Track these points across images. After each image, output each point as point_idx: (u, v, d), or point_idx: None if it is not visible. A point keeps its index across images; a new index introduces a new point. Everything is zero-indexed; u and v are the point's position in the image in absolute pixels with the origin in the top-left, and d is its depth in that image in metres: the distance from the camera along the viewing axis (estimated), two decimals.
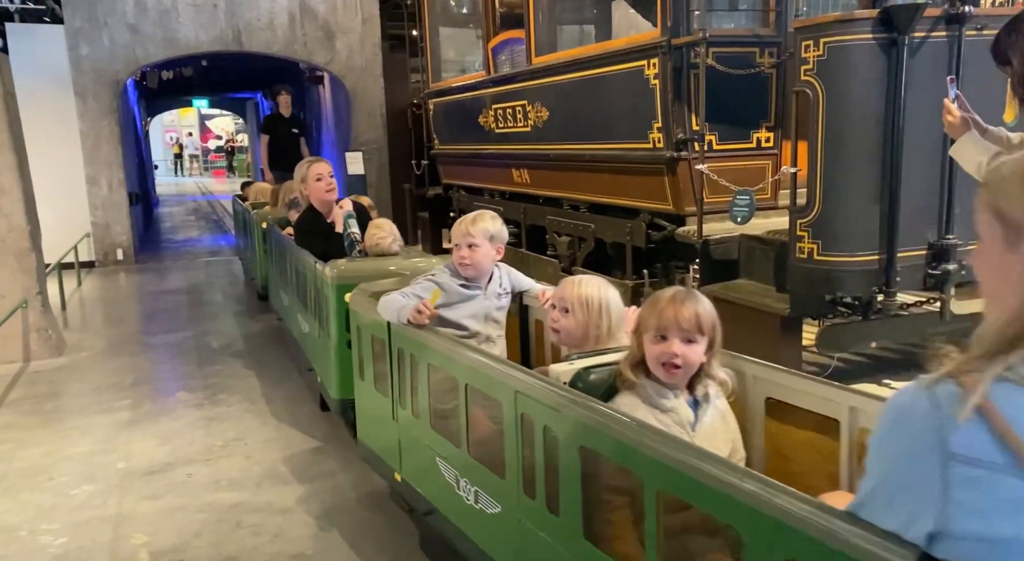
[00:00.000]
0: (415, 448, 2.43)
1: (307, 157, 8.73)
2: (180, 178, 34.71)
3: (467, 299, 2.55)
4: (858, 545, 1.04)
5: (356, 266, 3.49)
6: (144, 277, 8.69)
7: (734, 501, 1.24)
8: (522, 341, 2.96)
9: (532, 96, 6.62)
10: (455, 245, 2.56)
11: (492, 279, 2.63)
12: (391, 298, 2.45)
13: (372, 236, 3.65)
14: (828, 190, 3.75)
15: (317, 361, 3.81)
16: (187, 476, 3.30)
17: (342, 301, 3.14)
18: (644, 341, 1.75)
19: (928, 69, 3.66)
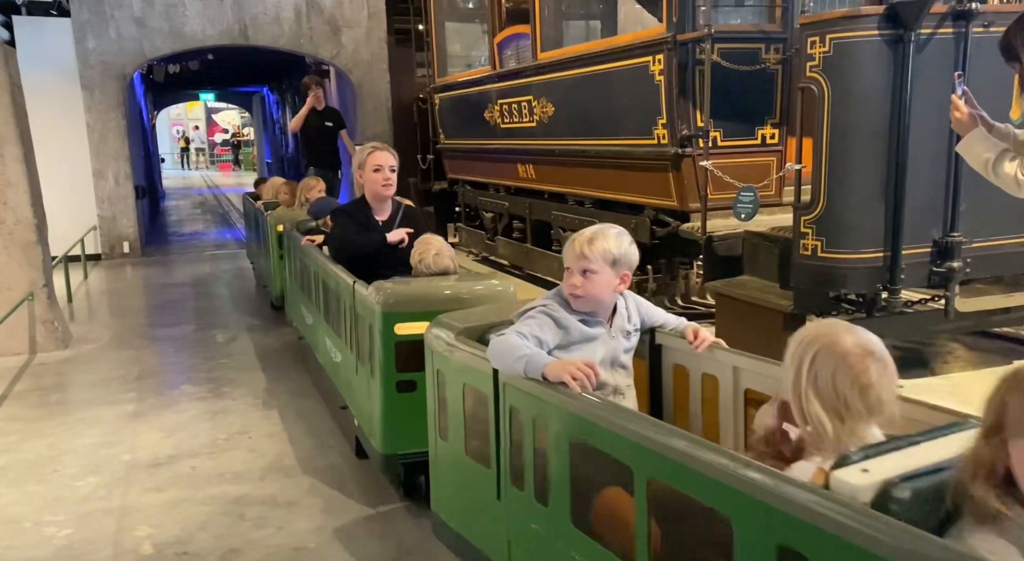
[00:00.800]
0: (536, 544, 1.82)
1: (354, 150, 8.62)
2: (186, 171, 34.79)
3: (589, 339, 1.99)
4: None
5: (410, 290, 2.82)
6: (150, 270, 8.73)
7: None
8: (652, 394, 2.25)
9: (538, 91, 6.61)
10: (566, 268, 2.00)
11: (617, 312, 2.06)
12: (510, 343, 1.83)
13: (423, 253, 3.06)
14: (833, 187, 3.74)
15: (354, 401, 3.18)
16: (191, 469, 3.32)
17: (392, 333, 2.64)
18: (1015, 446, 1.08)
19: (934, 66, 3.64)
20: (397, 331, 2.65)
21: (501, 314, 2.24)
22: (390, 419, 2.73)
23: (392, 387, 2.69)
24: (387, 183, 3.47)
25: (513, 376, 1.84)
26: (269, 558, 2.60)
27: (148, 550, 2.67)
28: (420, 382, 2.52)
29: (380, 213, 3.54)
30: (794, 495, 1.18)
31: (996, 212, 3.89)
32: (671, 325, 2.17)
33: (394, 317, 2.67)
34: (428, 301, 2.68)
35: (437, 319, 2.29)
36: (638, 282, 5.48)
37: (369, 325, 2.82)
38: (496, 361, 1.88)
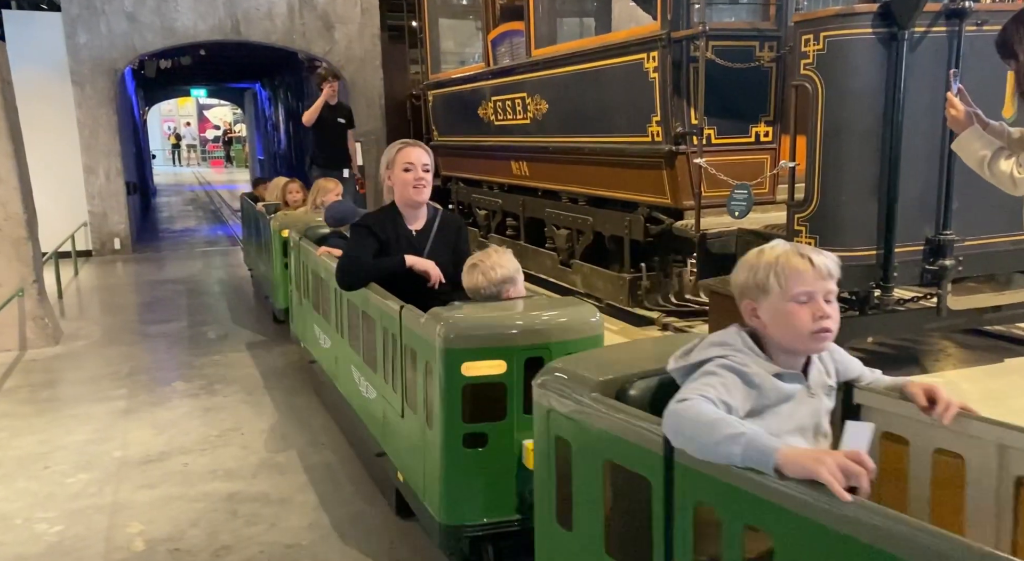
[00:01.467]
0: None
1: (355, 151, 7.86)
2: (178, 168, 34.62)
3: (785, 399, 1.49)
4: None
5: (481, 320, 2.23)
6: (141, 267, 8.68)
7: None
8: None
9: (531, 88, 6.60)
10: (744, 301, 1.53)
11: (812, 362, 1.56)
12: (704, 414, 1.32)
13: (486, 268, 2.49)
14: (826, 185, 3.75)
15: (397, 451, 2.62)
16: (183, 466, 3.30)
17: (457, 375, 2.11)
18: None
19: (928, 64, 3.65)
20: (465, 372, 2.10)
21: (636, 360, 1.74)
22: (454, 481, 2.15)
23: (457, 441, 2.14)
24: (420, 184, 2.91)
25: (703, 460, 1.31)
26: (261, 555, 2.59)
27: (140, 547, 2.65)
28: (493, 435, 2.12)
29: (413, 221, 2.98)
30: None
31: (988, 210, 3.91)
32: (867, 378, 1.69)
33: (461, 355, 2.10)
34: (504, 335, 2.14)
35: (550, 366, 1.78)
36: (631, 280, 5.48)
37: (425, 362, 2.24)
38: (682, 438, 1.33)
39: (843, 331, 4.26)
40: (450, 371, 2.12)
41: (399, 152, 2.93)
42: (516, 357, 2.13)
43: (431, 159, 2.99)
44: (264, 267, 5.79)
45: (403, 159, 2.91)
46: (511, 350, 2.09)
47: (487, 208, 8.09)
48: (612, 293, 5.67)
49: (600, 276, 5.89)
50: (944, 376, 4.18)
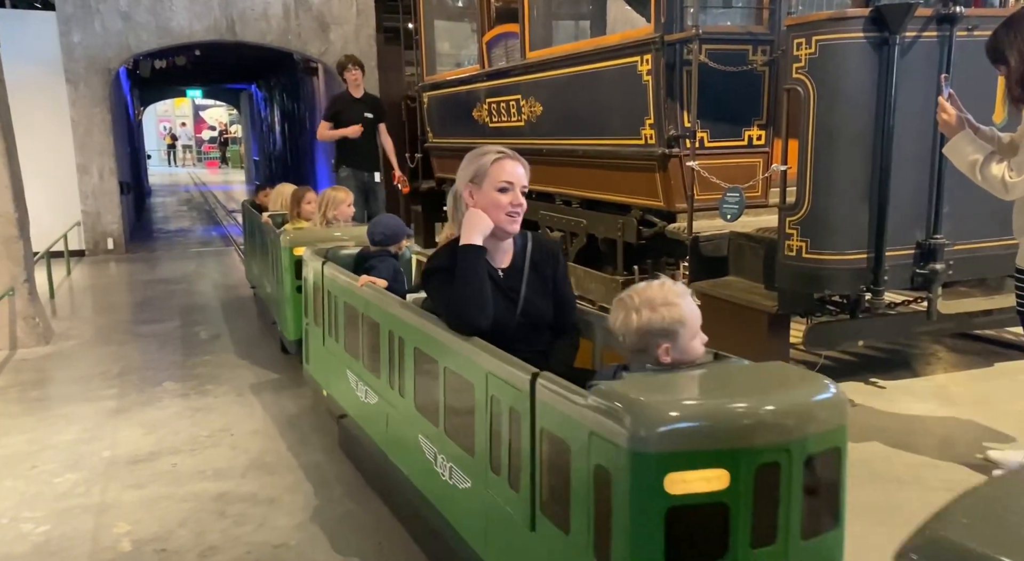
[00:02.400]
0: None
1: (391, 150, 7.17)
2: (173, 168, 34.55)
3: None
4: None
5: (688, 405, 1.52)
6: (134, 267, 8.66)
7: None
8: None
9: (526, 91, 6.60)
10: None
11: None
12: None
13: (655, 303, 1.85)
14: (817, 188, 3.76)
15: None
16: (172, 466, 3.29)
17: (660, 493, 1.42)
18: None
19: (919, 68, 3.67)
20: (670, 488, 1.41)
21: None
22: None
23: None
24: (517, 211, 2.20)
25: None
26: (249, 556, 2.58)
27: (126, 547, 2.64)
28: None
29: (499, 257, 2.28)
30: None
31: (979, 215, 3.92)
32: None
33: (665, 462, 1.41)
34: (733, 430, 1.43)
35: None
36: (624, 282, 5.49)
37: (599, 472, 1.51)
38: None
39: (834, 334, 4.29)
40: (647, 489, 1.42)
41: (495, 164, 2.20)
42: (744, 465, 1.44)
43: (528, 176, 2.32)
44: (271, 288, 4.97)
45: (499, 175, 2.18)
46: (737, 454, 1.43)
47: None
48: (605, 295, 5.68)
49: (594, 278, 5.89)
50: (934, 380, 4.20)
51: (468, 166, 2.27)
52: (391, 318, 2.56)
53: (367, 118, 6.65)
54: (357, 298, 2.92)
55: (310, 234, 4.33)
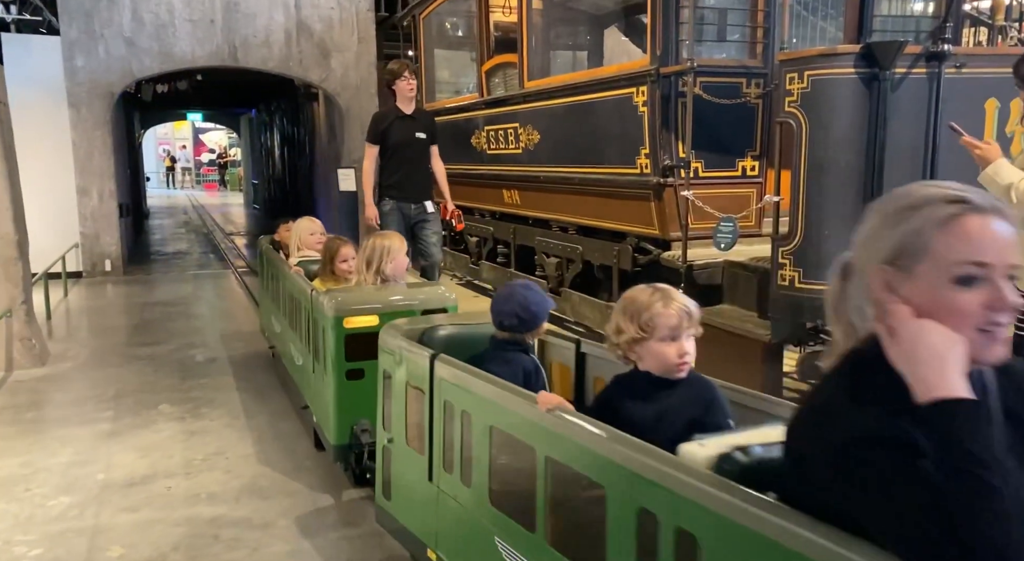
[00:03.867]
0: None
1: (439, 176, 5.69)
2: (172, 191, 34.66)
3: None
4: None
5: None
6: (132, 289, 8.67)
7: None
8: None
9: (524, 119, 6.70)
10: None
11: None
12: None
13: None
14: (809, 220, 3.82)
15: None
16: (166, 489, 3.29)
17: None
18: None
19: (908, 104, 3.75)
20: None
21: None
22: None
23: None
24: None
25: None
26: None
27: None
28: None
29: None
30: None
31: None
32: None
33: None
34: None
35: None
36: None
37: None
38: None
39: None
40: None
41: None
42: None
43: None
44: (300, 359, 3.82)
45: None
46: None
47: (479, 235, 8.15)
48: (600, 322, 5.71)
49: (589, 304, 5.93)
50: None
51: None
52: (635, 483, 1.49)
53: (419, 139, 5.34)
54: (526, 427, 1.83)
55: (367, 296, 3.21)
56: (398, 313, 2.87)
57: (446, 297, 3.25)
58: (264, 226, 17.90)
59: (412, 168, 5.40)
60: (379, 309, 3.08)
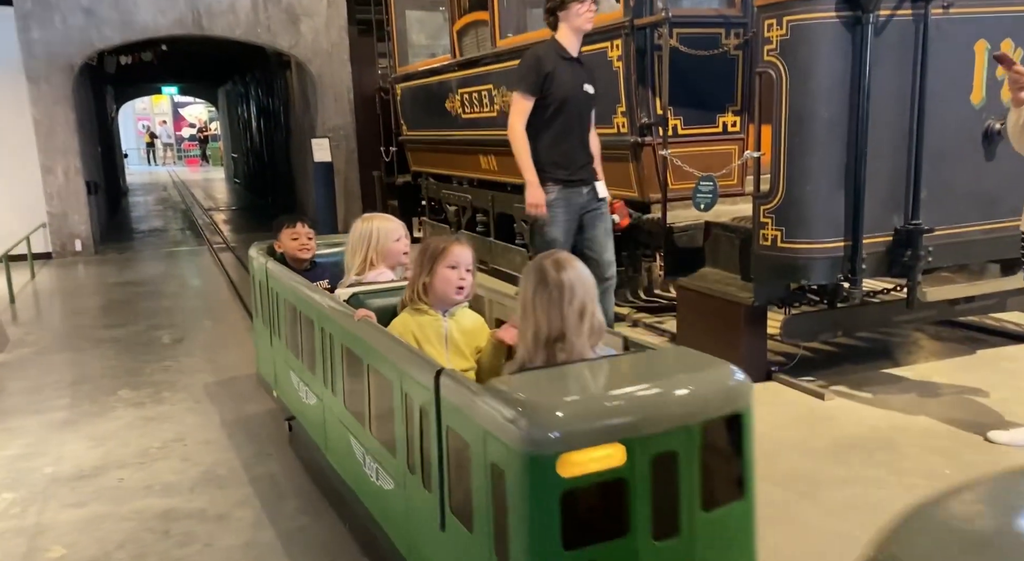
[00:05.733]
0: None
1: (594, 148, 3.98)
2: (153, 167, 34.07)
3: None
4: None
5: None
6: (103, 269, 8.43)
7: None
8: None
9: (497, 79, 6.43)
10: None
11: None
12: None
13: None
14: (791, 175, 3.62)
15: None
16: (118, 481, 3.11)
17: None
18: None
19: (893, 49, 3.53)
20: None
21: None
22: None
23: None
24: None
25: None
26: None
27: None
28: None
29: None
30: None
31: (959, 199, 3.80)
32: None
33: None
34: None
35: None
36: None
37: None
38: None
39: (811, 326, 4.15)
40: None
41: None
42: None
43: None
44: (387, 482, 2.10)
45: None
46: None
47: (457, 204, 7.92)
48: None
49: None
50: (916, 370, 4.08)
51: None
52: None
53: (587, 95, 3.85)
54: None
55: (593, 396, 1.59)
56: (659, 438, 1.47)
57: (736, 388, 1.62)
58: (244, 200, 17.59)
59: (580, 137, 3.88)
60: (627, 429, 1.45)
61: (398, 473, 2.01)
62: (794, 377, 3.93)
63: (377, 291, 2.63)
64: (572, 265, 1.83)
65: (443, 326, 2.31)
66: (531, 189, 3.83)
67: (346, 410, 2.42)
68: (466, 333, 2.34)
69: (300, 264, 3.47)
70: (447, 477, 1.70)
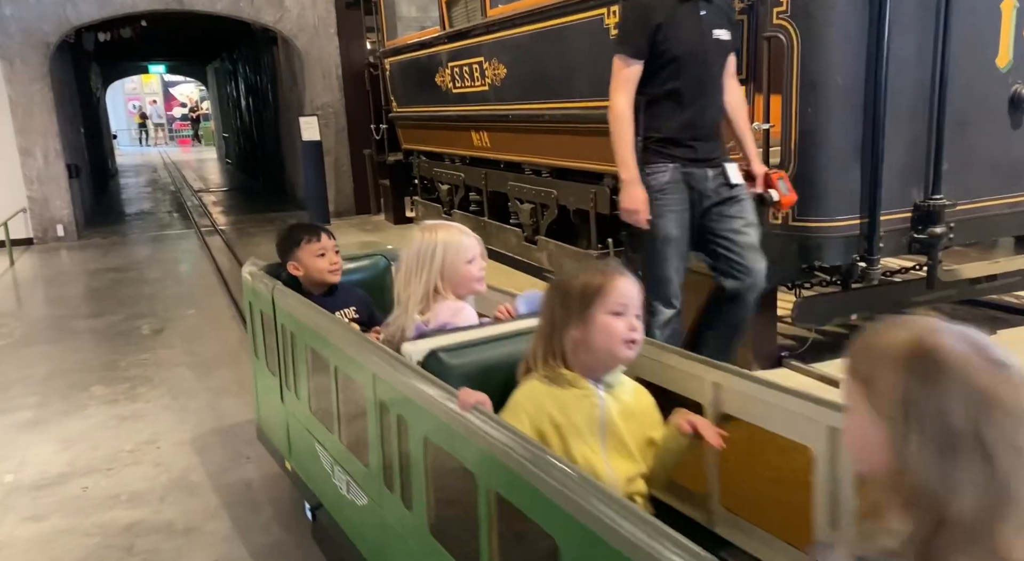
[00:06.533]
0: None
1: (735, 111, 3.04)
2: (146, 148, 33.62)
3: None
4: None
5: None
6: (86, 255, 8.17)
7: None
8: None
9: (488, 52, 6.14)
10: None
11: None
12: None
13: None
14: (804, 148, 3.36)
15: None
16: (82, 490, 2.90)
17: None
18: None
19: (914, 9, 3.26)
20: None
21: None
22: None
23: None
24: None
25: None
26: None
27: None
28: None
29: None
30: None
31: (982, 172, 3.55)
32: None
33: None
34: None
35: None
36: (598, 257, 5.10)
37: None
38: None
39: (825, 308, 3.89)
40: None
41: None
42: None
43: None
44: None
45: None
46: None
47: (449, 182, 7.65)
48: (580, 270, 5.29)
49: (567, 253, 5.50)
50: None
51: None
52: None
53: (720, 44, 2.92)
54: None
55: None
56: None
57: None
58: (236, 181, 17.24)
59: (707, 102, 2.90)
60: None
61: None
62: (805, 363, 3.70)
63: (468, 344, 1.73)
64: None
65: (599, 406, 1.52)
66: (628, 190, 2.87)
67: (431, 536, 1.52)
68: (631, 416, 1.55)
69: (319, 288, 2.52)
70: None
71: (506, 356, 1.68)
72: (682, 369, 1.69)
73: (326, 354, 2.04)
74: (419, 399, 1.53)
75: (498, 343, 1.74)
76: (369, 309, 2.50)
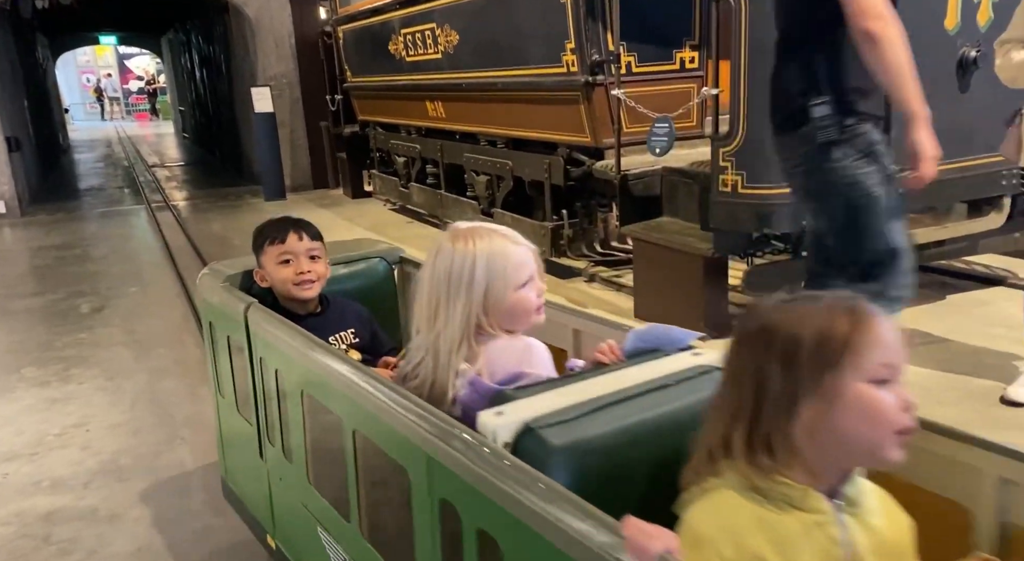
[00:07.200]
0: None
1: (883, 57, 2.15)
2: (104, 123, 32.59)
3: None
4: None
5: None
6: (29, 232, 7.87)
7: None
8: None
9: (441, 18, 5.96)
10: None
11: None
12: None
13: None
14: (753, 114, 3.29)
15: None
16: (2, 477, 2.76)
17: None
18: None
19: None
20: None
21: None
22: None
23: None
24: None
25: None
26: None
27: None
28: None
29: None
30: None
31: None
32: None
33: None
34: None
35: None
36: (553, 229, 5.02)
37: None
38: None
39: (776, 277, 3.85)
40: None
41: None
42: None
43: None
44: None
45: None
46: None
47: (405, 155, 7.48)
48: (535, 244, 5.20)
49: (521, 226, 5.40)
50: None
51: None
52: None
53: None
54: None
55: None
56: None
57: None
58: (193, 155, 16.79)
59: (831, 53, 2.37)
60: None
61: None
62: None
63: (576, 411, 1.09)
64: None
65: (838, 540, 0.90)
66: (927, 127, 2.28)
67: None
68: (889, 555, 0.93)
69: (301, 306, 1.92)
70: None
71: (639, 426, 1.08)
72: (943, 454, 1.07)
73: (339, 412, 1.41)
74: (530, 519, 0.92)
75: (623, 407, 1.11)
76: (371, 329, 1.96)
